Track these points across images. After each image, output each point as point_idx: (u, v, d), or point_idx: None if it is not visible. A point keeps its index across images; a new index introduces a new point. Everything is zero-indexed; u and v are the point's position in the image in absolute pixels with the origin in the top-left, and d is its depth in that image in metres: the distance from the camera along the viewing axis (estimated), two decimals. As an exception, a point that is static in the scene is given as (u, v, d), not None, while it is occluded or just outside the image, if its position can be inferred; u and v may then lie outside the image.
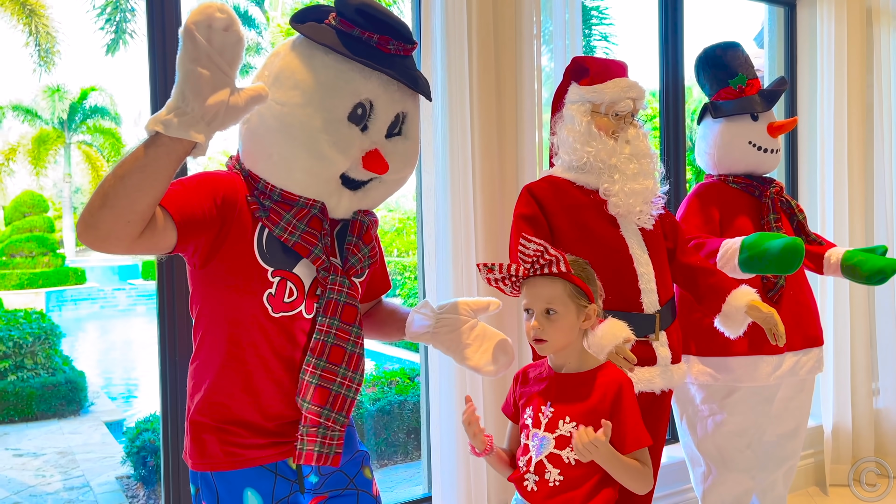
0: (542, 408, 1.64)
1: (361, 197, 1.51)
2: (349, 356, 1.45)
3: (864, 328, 3.57)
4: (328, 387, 1.42)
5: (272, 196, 1.44)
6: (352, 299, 1.47)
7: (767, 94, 2.54)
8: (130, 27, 16.06)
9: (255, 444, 1.43)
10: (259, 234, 1.43)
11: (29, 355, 8.03)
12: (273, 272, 1.42)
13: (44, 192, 22.17)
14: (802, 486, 3.45)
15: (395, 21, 1.41)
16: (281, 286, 1.43)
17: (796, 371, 2.51)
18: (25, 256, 17.07)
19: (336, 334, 1.44)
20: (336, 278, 1.46)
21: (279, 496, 1.46)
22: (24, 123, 22.62)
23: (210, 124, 1.20)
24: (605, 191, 2.06)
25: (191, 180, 1.40)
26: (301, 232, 1.43)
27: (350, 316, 1.46)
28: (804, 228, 2.61)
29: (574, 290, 1.59)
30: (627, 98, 2.07)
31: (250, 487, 1.44)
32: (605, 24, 11.42)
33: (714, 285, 2.18)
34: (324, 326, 1.43)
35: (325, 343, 1.43)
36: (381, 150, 1.44)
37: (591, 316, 1.62)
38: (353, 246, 1.52)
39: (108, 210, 1.19)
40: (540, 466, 1.62)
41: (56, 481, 5.82)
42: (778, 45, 3.63)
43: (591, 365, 1.65)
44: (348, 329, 1.45)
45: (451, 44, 2.38)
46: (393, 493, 4.97)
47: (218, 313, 1.44)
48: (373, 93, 1.42)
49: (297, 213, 1.44)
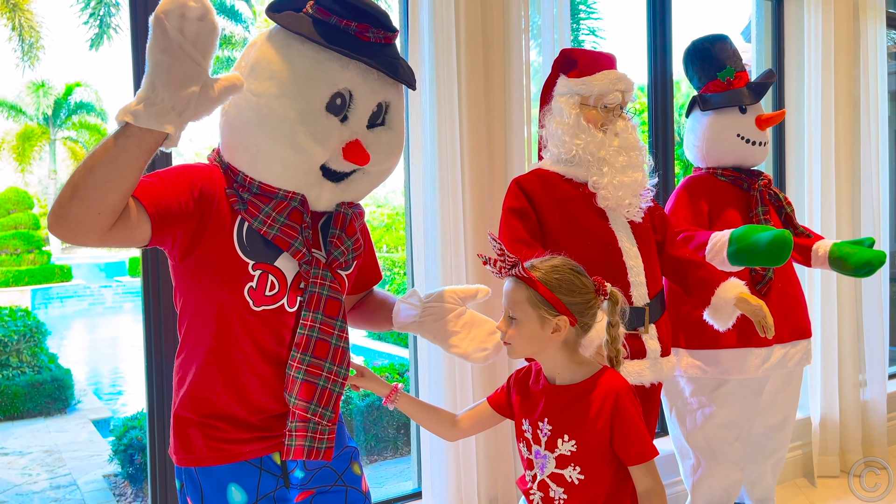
0: (539, 424, 1.57)
1: (344, 189, 1.48)
2: (334, 350, 1.43)
3: (851, 320, 3.59)
4: (314, 381, 1.40)
5: (251, 189, 1.41)
6: (335, 293, 1.45)
7: (755, 87, 2.55)
8: (115, 21, 15.94)
9: (239, 439, 1.42)
10: (239, 227, 1.40)
11: (14, 353, 7.96)
12: (254, 265, 1.40)
13: (29, 188, 21.98)
14: (791, 478, 3.47)
15: (373, 9, 1.38)
16: (262, 279, 1.41)
17: (785, 363, 2.51)
18: (10, 254, 16.91)
19: (320, 328, 1.42)
20: (318, 272, 1.44)
21: (264, 491, 1.44)
22: (8, 119, 22.42)
23: (181, 115, 1.17)
24: (594, 183, 2.06)
25: (168, 173, 1.38)
26: (280, 225, 1.41)
27: (333, 309, 1.44)
28: (792, 221, 2.62)
29: (536, 297, 1.49)
30: (616, 90, 2.06)
31: (234, 483, 1.42)
32: (593, 18, 11.44)
33: (703, 278, 2.18)
34: (307, 321, 1.41)
35: (310, 337, 1.41)
36: (362, 140, 1.41)
37: (560, 328, 1.49)
38: (336, 238, 1.49)
39: (77, 201, 1.17)
40: (543, 485, 1.56)
41: (43, 480, 5.77)
42: (765, 38, 3.63)
43: (585, 375, 1.55)
44: (332, 323, 1.43)
45: (439, 38, 2.37)
46: (383, 488, 4.97)
47: (200, 307, 1.42)
48: (352, 82, 1.39)
49: (277, 205, 1.41)
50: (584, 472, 1.51)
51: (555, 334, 1.50)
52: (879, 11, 3.65)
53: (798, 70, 3.49)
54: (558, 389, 1.56)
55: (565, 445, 1.52)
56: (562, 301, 1.49)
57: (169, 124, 1.16)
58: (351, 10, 1.37)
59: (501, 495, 2.58)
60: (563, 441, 1.52)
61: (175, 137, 1.20)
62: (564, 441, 1.52)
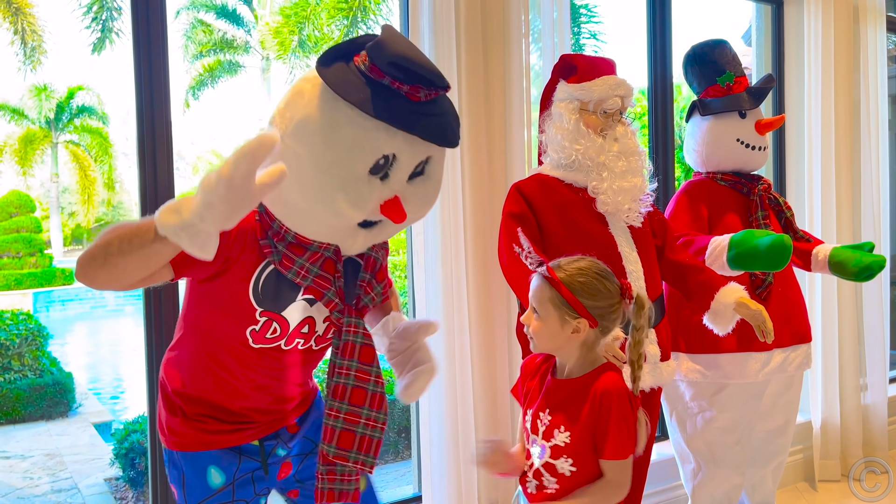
0: (540, 415, 1.62)
1: (377, 234, 1.46)
2: (371, 396, 1.44)
3: (851, 324, 3.59)
4: (353, 429, 1.42)
5: (286, 238, 1.40)
6: (368, 339, 1.46)
7: (755, 92, 2.55)
8: (117, 26, 15.96)
9: (221, 430, 1.49)
10: (258, 275, 1.41)
11: (16, 357, 7.96)
12: (261, 312, 1.43)
13: (31, 191, 22.04)
14: (792, 482, 3.46)
15: (428, 71, 1.31)
16: (266, 325, 1.44)
17: (785, 367, 2.51)
18: (12, 257, 16.94)
19: (356, 376, 1.44)
20: (351, 320, 1.45)
21: (242, 472, 1.52)
22: (10, 123, 22.45)
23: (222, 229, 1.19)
24: (593, 188, 2.06)
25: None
26: (314, 276, 1.42)
27: (368, 356, 1.45)
28: (792, 225, 2.62)
29: (559, 298, 1.53)
30: (615, 96, 2.07)
31: (214, 465, 1.50)
32: (594, 21, 11.45)
33: (703, 282, 2.18)
34: (343, 369, 1.43)
35: (346, 386, 1.42)
36: (401, 196, 1.37)
37: (580, 329, 1.54)
38: (367, 284, 1.51)
39: (106, 272, 1.23)
40: (538, 473, 1.61)
41: (44, 483, 5.77)
42: (765, 42, 3.64)
43: (588, 370, 1.59)
44: (368, 370, 1.45)
45: (440, 42, 2.38)
46: (383, 492, 4.97)
47: (201, 324, 1.47)
48: (397, 147, 1.34)
49: (311, 256, 1.42)
50: (575, 464, 1.55)
51: (574, 335, 1.55)
52: (879, 15, 3.65)
53: (798, 74, 3.49)
54: (562, 383, 1.61)
55: (560, 436, 1.57)
56: (583, 305, 1.53)
57: (211, 251, 1.17)
58: (404, 73, 1.29)
59: (502, 499, 2.58)
60: (560, 432, 1.57)
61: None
62: (560, 432, 1.57)
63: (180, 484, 1.52)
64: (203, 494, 1.50)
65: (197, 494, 1.51)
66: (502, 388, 2.57)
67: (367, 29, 13.27)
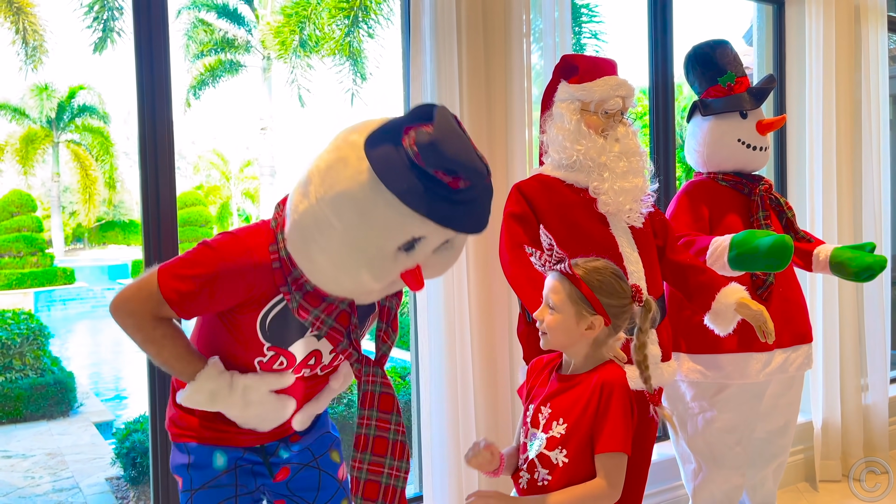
0: (542, 408, 1.64)
1: (391, 287, 1.46)
2: (392, 445, 1.46)
3: (852, 325, 3.59)
4: (377, 480, 1.45)
5: (304, 287, 1.42)
6: (387, 388, 1.49)
7: (756, 92, 2.55)
8: (118, 25, 15.95)
9: (228, 431, 1.54)
10: (267, 312, 1.44)
11: (17, 356, 7.96)
12: (269, 347, 1.47)
13: (32, 191, 22.04)
14: (792, 482, 3.46)
15: (474, 167, 1.28)
16: (273, 358, 1.48)
17: (786, 368, 2.51)
18: (13, 256, 16.95)
19: (376, 425, 1.46)
20: (369, 370, 1.48)
21: (244, 462, 1.58)
22: (11, 122, 22.46)
23: None
24: (594, 189, 2.06)
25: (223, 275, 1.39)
26: (328, 327, 1.45)
27: (388, 405, 1.48)
28: (793, 226, 2.62)
29: (577, 294, 1.57)
30: (617, 96, 2.07)
31: (219, 451, 1.56)
32: (595, 21, 11.44)
33: (704, 283, 2.18)
34: (363, 419, 1.46)
35: (368, 436, 1.45)
36: (423, 264, 1.39)
37: (594, 326, 1.58)
38: (384, 333, 1.54)
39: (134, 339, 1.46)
40: (531, 465, 1.62)
41: (45, 483, 5.77)
42: (766, 42, 3.64)
43: (592, 366, 1.62)
44: (387, 418, 1.47)
45: (441, 41, 2.38)
46: (384, 491, 4.98)
47: (212, 345, 1.52)
48: (429, 231, 1.33)
49: (326, 308, 1.44)
50: (569, 455, 1.57)
51: (588, 331, 1.59)
52: (880, 16, 3.65)
53: (799, 74, 3.49)
54: (565, 378, 1.64)
55: (558, 428, 1.59)
56: (600, 302, 1.57)
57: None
58: (452, 166, 1.26)
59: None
60: (557, 424, 1.59)
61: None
62: (558, 424, 1.59)
63: (185, 468, 1.56)
64: (208, 476, 1.55)
65: (202, 476, 1.55)
66: (503, 387, 2.58)
67: (368, 29, 13.26)
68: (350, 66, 14.11)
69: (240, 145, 37.05)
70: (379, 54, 25.43)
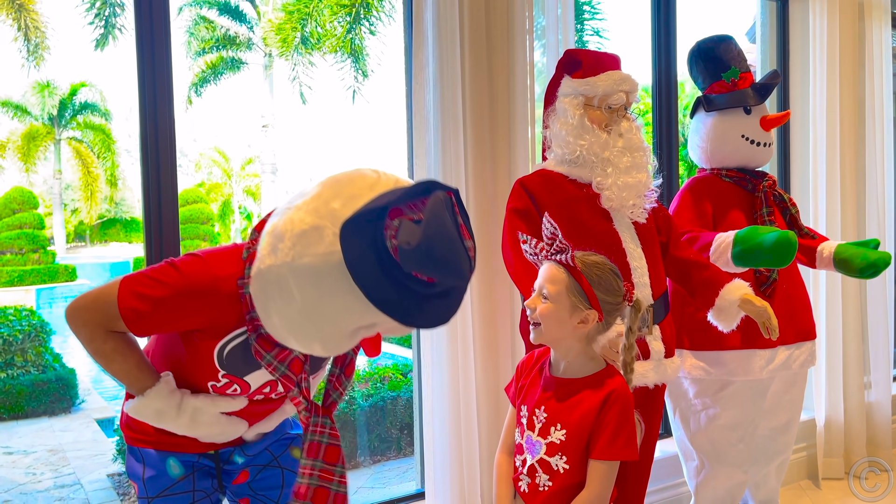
0: (536, 411, 1.62)
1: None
2: (334, 496, 1.41)
3: (855, 322, 3.58)
4: None
5: (259, 330, 1.37)
6: (334, 440, 1.43)
7: (760, 88, 2.54)
8: (119, 22, 15.95)
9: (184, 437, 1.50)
10: (226, 343, 1.39)
11: (19, 353, 7.98)
12: (223, 375, 1.43)
13: (34, 188, 22.02)
14: (795, 480, 3.46)
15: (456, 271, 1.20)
16: (227, 385, 1.45)
17: (789, 365, 2.51)
18: (15, 253, 16.96)
19: (319, 475, 1.40)
20: (318, 419, 1.42)
21: (200, 466, 1.57)
22: (13, 119, 22.46)
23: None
24: (598, 184, 2.05)
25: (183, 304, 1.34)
26: (280, 374, 1.39)
27: (333, 456, 1.43)
28: (797, 222, 2.61)
29: (574, 286, 1.55)
30: (620, 91, 2.06)
31: (173, 457, 1.54)
32: (598, 18, 11.42)
33: (707, 279, 2.17)
34: (307, 469, 1.40)
35: (309, 486, 1.39)
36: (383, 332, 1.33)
37: (587, 320, 1.56)
38: (336, 380, 1.49)
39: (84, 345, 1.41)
40: (532, 470, 1.62)
41: (47, 479, 5.78)
42: (770, 39, 3.62)
43: (590, 371, 1.61)
44: (332, 469, 1.42)
45: (443, 38, 2.37)
46: (385, 489, 4.97)
47: (172, 355, 1.48)
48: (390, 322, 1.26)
49: (279, 354, 1.38)
50: (569, 461, 1.56)
51: (580, 325, 1.57)
52: (885, 13, 3.63)
53: (803, 71, 3.48)
54: (561, 381, 1.61)
55: (556, 434, 1.58)
56: (597, 296, 1.56)
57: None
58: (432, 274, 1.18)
59: (505, 496, 2.57)
60: (556, 429, 1.58)
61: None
62: (557, 429, 1.58)
63: (140, 477, 1.55)
64: (164, 484, 1.53)
65: (158, 484, 1.53)
66: (505, 384, 2.56)
67: (370, 26, 13.25)
68: (352, 63, 14.10)
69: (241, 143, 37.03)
70: (380, 51, 25.43)
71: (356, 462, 5.48)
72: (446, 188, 1.23)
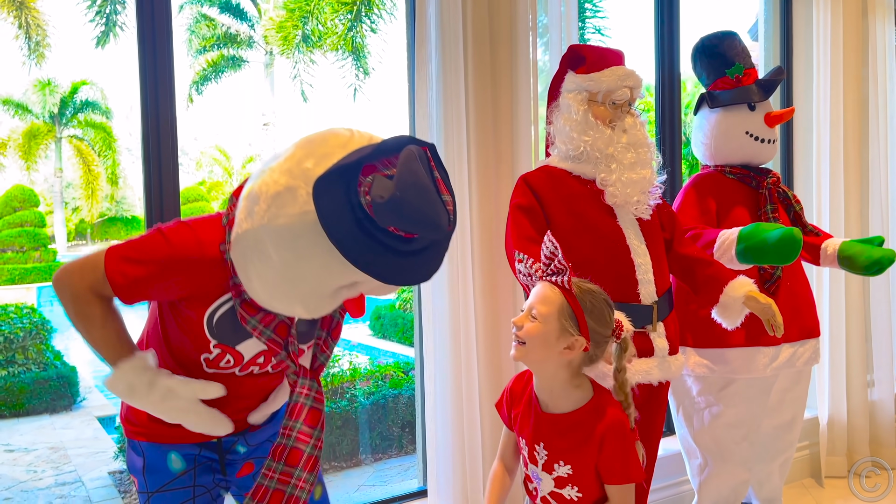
0: (535, 447, 1.60)
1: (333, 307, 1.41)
2: (307, 458, 1.42)
3: (859, 320, 3.57)
4: (283, 489, 1.41)
5: (242, 295, 1.37)
6: (317, 403, 1.45)
7: (765, 84, 2.53)
8: (121, 20, 15.92)
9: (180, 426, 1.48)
10: (215, 309, 1.39)
11: (20, 350, 7.97)
12: (215, 345, 1.42)
13: (35, 186, 22.01)
14: (798, 478, 3.45)
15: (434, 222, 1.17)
16: (220, 355, 1.44)
17: (793, 362, 2.50)
18: (16, 251, 16.97)
19: (297, 437, 1.42)
20: (305, 382, 1.44)
21: (202, 460, 1.55)
22: (14, 118, 22.45)
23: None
24: (601, 180, 2.04)
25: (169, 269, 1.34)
26: (266, 338, 1.39)
27: (314, 420, 1.44)
28: (801, 219, 2.60)
29: (567, 309, 1.51)
30: (624, 86, 2.05)
31: (174, 451, 1.52)
32: (599, 17, 11.41)
33: (711, 276, 2.16)
34: (286, 429, 1.41)
35: (286, 446, 1.40)
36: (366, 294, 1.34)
37: (573, 347, 1.51)
38: (323, 343, 1.49)
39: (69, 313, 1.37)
40: (545, 501, 1.62)
41: (48, 476, 5.78)
42: (773, 35, 3.61)
43: (580, 401, 1.56)
44: (310, 432, 1.43)
45: (446, 34, 2.36)
46: (387, 486, 4.97)
47: (165, 332, 1.48)
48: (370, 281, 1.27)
49: (264, 318, 1.38)
50: (581, 489, 1.56)
51: (566, 351, 1.52)
52: (888, 9, 3.62)
53: (806, 68, 3.47)
54: (553, 418, 1.58)
55: (562, 469, 1.57)
56: (588, 324, 1.51)
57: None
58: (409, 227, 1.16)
59: (507, 495, 2.56)
60: (560, 465, 1.57)
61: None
62: (561, 465, 1.56)
63: (140, 471, 1.54)
64: (164, 479, 1.52)
65: (158, 479, 1.52)
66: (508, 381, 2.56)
67: (371, 24, 13.23)
68: (353, 62, 14.08)
69: (242, 141, 37.01)
70: (381, 49, 25.40)
71: (357, 460, 5.47)
72: (421, 143, 1.22)
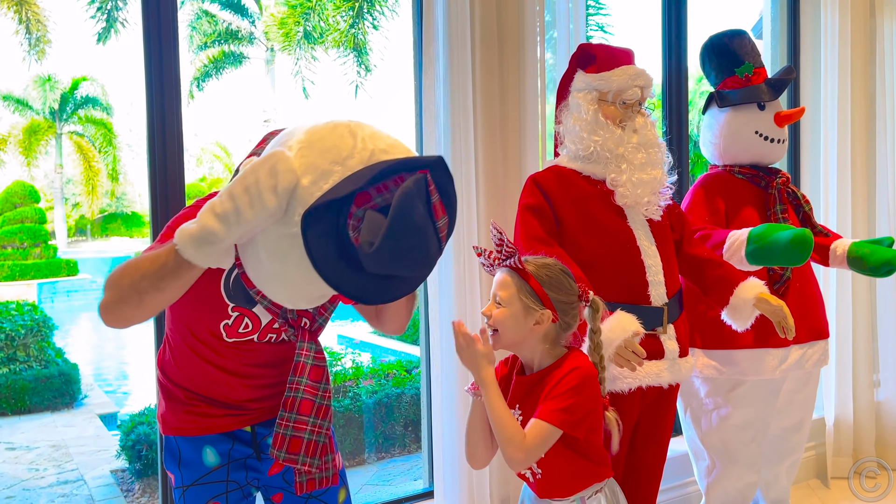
0: (512, 412, 1.63)
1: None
2: (317, 407, 1.53)
3: (865, 320, 3.55)
4: (300, 436, 1.50)
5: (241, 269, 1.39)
6: (319, 361, 1.54)
7: (774, 83, 2.50)
8: (122, 16, 15.90)
9: (214, 414, 1.58)
10: (229, 273, 1.48)
11: (21, 347, 7.95)
12: (233, 308, 1.50)
13: (35, 182, 22.00)
14: (804, 479, 3.44)
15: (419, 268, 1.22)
16: (238, 320, 1.51)
17: (802, 364, 2.48)
18: (17, 248, 16.95)
19: (305, 390, 1.52)
20: (304, 344, 1.53)
21: (235, 456, 1.60)
22: (14, 113, 22.43)
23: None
24: (612, 181, 2.03)
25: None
26: (266, 304, 1.48)
27: (318, 375, 1.53)
28: (810, 219, 2.58)
29: (526, 288, 1.57)
30: (635, 86, 2.03)
31: (209, 445, 1.59)
32: (602, 14, 11.38)
33: (721, 277, 2.14)
34: (293, 384, 1.51)
35: (295, 398, 1.51)
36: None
37: (542, 321, 1.57)
38: (321, 305, 1.55)
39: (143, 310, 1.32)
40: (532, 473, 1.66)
41: (50, 475, 5.77)
42: (781, 34, 3.59)
43: (551, 360, 1.61)
44: (316, 385, 1.53)
45: (453, 34, 2.34)
46: (390, 486, 4.95)
47: (183, 318, 1.55)
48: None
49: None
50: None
51: (536, 326, 1.58)
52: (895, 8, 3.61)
53: (814, 67, 3.45)
54: (523, 379, 1.64)
55: None
56: (549, 296, 1.57)
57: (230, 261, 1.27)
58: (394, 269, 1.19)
59: (513, 494, 2.55)
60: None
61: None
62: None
63: (177, 465, 1.60)
64: (199, 472, 1.59)
65: (193, 472, 1.59)
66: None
67: (373, 20, 13.20)
68: (354, 58, 14.04)
69: (243, 137, 36.96)
70: (383, 46, 25.37)
71: (361, 459, 5.46)
72: (422, 164, 1.21)
